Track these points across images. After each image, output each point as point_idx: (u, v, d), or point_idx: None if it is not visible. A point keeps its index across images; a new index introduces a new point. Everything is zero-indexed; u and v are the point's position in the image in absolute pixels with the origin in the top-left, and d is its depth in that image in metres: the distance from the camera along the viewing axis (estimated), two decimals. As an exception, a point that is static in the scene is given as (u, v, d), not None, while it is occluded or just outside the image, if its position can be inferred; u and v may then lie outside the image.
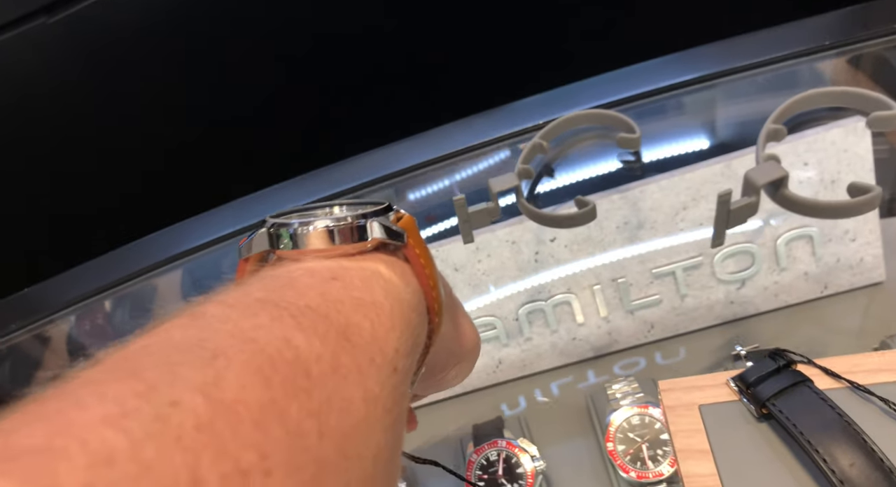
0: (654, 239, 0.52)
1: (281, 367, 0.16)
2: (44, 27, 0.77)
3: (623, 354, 0.55)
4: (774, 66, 0.52)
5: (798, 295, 0.53)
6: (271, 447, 0.14)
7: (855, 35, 0.51)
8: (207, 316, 0.17)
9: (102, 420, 0.13)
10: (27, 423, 0.13)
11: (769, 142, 0.40)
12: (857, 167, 0.50)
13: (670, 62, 0.55)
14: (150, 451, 0.12)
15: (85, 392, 0.14)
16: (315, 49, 0.86)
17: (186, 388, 0.14)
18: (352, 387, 0.17)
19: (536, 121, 0.53)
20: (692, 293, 0.53)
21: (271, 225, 0.22)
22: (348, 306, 0.19)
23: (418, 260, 0.23)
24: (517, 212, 0.50)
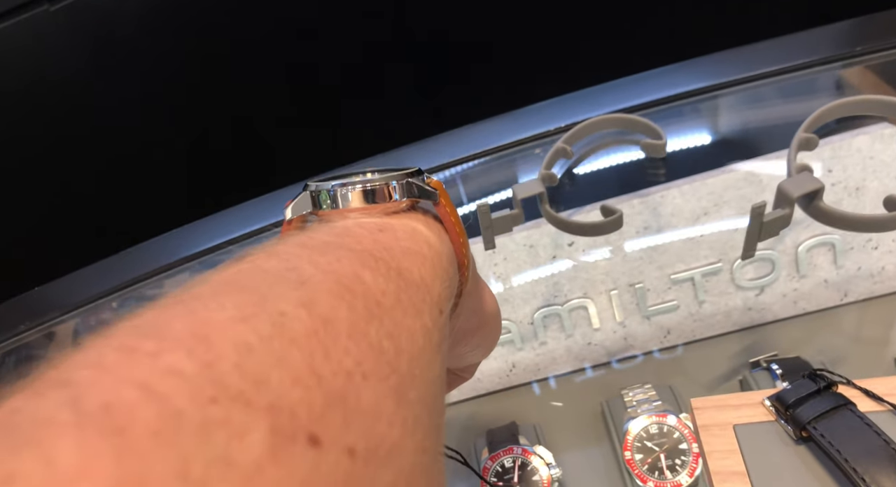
0: (673, 244, 0.51)
1: (358, 295, 0.18)
2: (45, 15, 0.75)
3: (639, 360, 0.54)
4: (799, 73, 0.51)
5: (817, 303, 0.52)
6: (363, 356, 0.16)
7: (880, 42, 0.50)
8: (282, 253, 0.19)
9: (232, 319, 0.15)
10: (169, 319, 0.15)
11: (800, 152, 0.39)
12: (883, 174, 0.49)
13: (693, 66, 0.54)
14: (276, 346, 0.14)
15: (204, 302, 0.15)
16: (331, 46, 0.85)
17: (289, 303, 0.16)
18: (411, 319, 0.19)
19: (558, 125, 0.52)
20: (710, 299, 0.53)
21: (313, 188, 0.24)
22: (398, 253, 0.21)
23: (449, 218, 0.24)
24: (535, 215, 0.49)
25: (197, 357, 0.13)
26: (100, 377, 0.13)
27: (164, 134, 0.88)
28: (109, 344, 0.14)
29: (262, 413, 0.13)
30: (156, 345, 0.13)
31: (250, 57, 0.86)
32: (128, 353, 0.13)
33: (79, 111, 0.84)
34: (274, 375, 0.14)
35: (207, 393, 0.13)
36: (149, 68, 0.84)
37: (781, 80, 0.52)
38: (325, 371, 0.15)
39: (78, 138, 0.85)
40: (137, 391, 0.12)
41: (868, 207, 0.50)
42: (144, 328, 0.14)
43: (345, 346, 0.16)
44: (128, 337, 0.14)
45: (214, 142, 0.90)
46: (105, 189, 0.89)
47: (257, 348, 0.14)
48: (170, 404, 0.12)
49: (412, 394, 0.17)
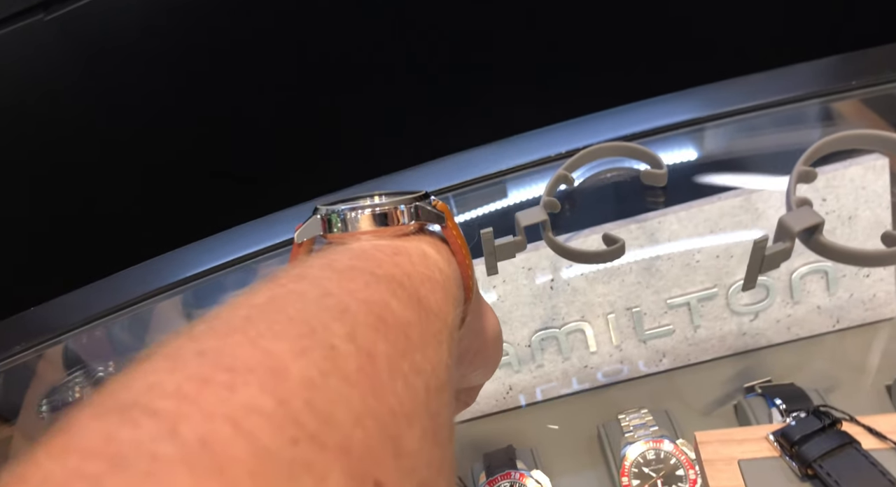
0: (670, 269, 0.52)
1: (391, 327, 0.17)
2: (40, 24, 0.74)
3: (635, 383, 0.54)
4: (795, 105, 0.52)
5: (810, 329, 0.53)
6: (402, 395, 0.16)
7: (874, 77, 0.52)
8: (312, 277, 0.19)
9: (292, 352, 0.14)
10: (232, 347, 0.14)
11: (798, 184, 0.40)
12: (875, 204, 0.50)
13: (692, 95, 0.55)
14: (334, 383, 0.14)
15: (259, 330, 0.15)
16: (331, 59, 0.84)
17: (337, 336, 0.16)
18: (433, 352, 0.19)
19: (559, 151, 0.52)
20: (705, 324, 0.53)
21: (323, 212, 0.24)
22: (417, 279, 0.21)
23: (456, 241, 0.25)
24: (534, 237, 0.49)
25: (270, 392, 0.13)
26: (187, 409, 0.13)
27: (156, 147, 0.87)
28: (182, 371, 0.14)
29: (336, 455, 0.13)
30: (229, 378, 0.13)
31: (246, 72, 0.86)
32: (205, 384, 0.13)
33: (71, 123, 0.83)
34: (338, 414, 0.14)
35: (289, 433, 0.13)
36: (142, 81, 0.83)
37: (777, 112, 0.53)
38: (378, 411, 0.15)
39: (70, 150, 0.84)
40: (228, 426, 0.12)
41: (860, 236, 0.51)
42: (211, 356, 0.14)
43: (387, 385, 0.16)
44: (198, 365, 0.14)
45: (209, 158, 0.89)
46: (97, 204, 0.88)
47: (319, 385, 0.14)
48: (259, 443, 0.12)
49: (442, 436, 0.17)
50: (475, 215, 0.57)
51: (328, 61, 0.85)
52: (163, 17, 0.80)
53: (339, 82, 0.87)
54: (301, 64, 0.86)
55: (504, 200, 0.56)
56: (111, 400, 0.13)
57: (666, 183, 0.49)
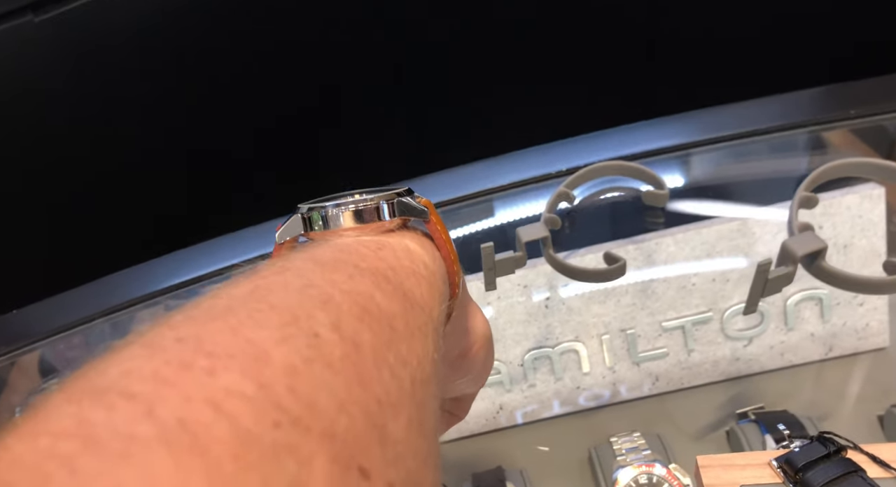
0: (665, 291, 0.52)
1: (375, 318, 0.17)
2: (30, 25, 0.73)
3: (627, 405, 0.54)
4: (789, 132, 0.53)
5: (803, 356, 0.53)
6: (388, 384, 0.16)
7: (872, 107, 0.52)
8: (295, 269, 0.18)
9: (274, 339, 0.14)
10: (212, 334, 0.14)
11: (800, 210, 0.40)
12: (871, 233, 0.50)
13: (693, 118, 0.55)
14: (318, 370, 0.14)
15: (240, 318, 0.15)
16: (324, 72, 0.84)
17: (321, 324, 0.15)
18: (419, 345, 0.18)
19: (559, 168, 0.52)
20: (699, 348, 0.53)
21: (305, 210, 0.23)
22: (401, 273, 0.21)
23: (440, 236, 0.24)
24: (531, 255, 0.48)
25: (252, 377, 0.13)
26: (165, 391, 0.12)
27: (143, 152, 0.86)
28: (160, 357, 0.13)
29: (320, 440, 0.13)
30: (209, 363, 0.13)
31: (237, 77, 0.85)
32: (184, 369, 0.13)
33: (57, 126, 0.81)
34: (322, 400, 0.13)
35: (271, 417, 0.12)
36: (130, 86, 0.82)
37: (771, 138, 0.54)
38: (363, 399, 0.14)
39: (57, 152, 0.83)
40: (208, 408, 0.12)
41: (856, 264, 0.51)
42: (190, 343, 0.14)
43: (373, 374, 0.15)
44: (177, 351, 0.13)
45: (196, 164, 0.88)
46: (80, 208, 0.86)
47: (302, 371, 0.14)
48: (241, 425, 0.12)
49: (427, 427, 0.17)
50: (473, 230, 0.56)
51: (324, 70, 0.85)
52: (154, 22, 0.79)
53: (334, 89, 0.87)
54: (293, 74, 0.86)
55: (502, 216, 0.56)
56: (84, 384, 0.13)
57: (666, 204, 0.48)
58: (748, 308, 0.37)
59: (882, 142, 0.59)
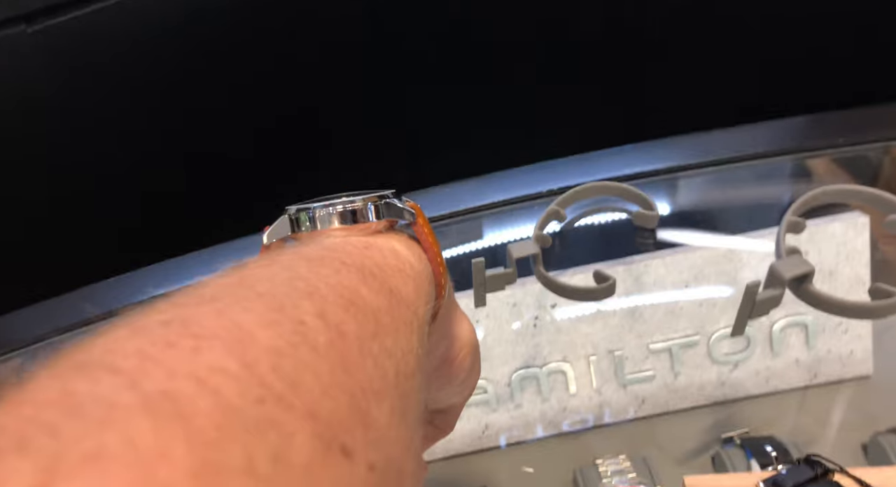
0: (654, 314, 0.52)
1: (360, 310, 0.17)
2: (22, 36, 0.73)
3: (613, 428, 0.53)
4: (784, 158, 0.54)
5: (789, 382, 0.53)
6: (372, 373, 0.16)
7: (862, 135, 0.53)
8: (282, 262, 0.19)
9: (259, 323, 0.14)
10: (198, 318, 0.14)
11: (788, 234, 0.41)
12: (855, 261, 0.51)
13: (685, 142, 0.56)
14: (303, 354, 0.14)
15: (226, 304, 0.15)
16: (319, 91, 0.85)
17: (306, 312, 0.16)
18: (404, 340, 0.19)
19: (551, 187, 0.53)
20: (686, 371, 0.53)
21: (293, 211, 0.24)
22: (387, 270, 0.21)
23: (427, 239, 0.25)
24: (521, 273, 0.48)
25: (236, 356, 0.13)
26: (149, 366, 0.12)
27: (128, 170, 0.85)
28: (145, 336, 0.13)
29: (303, 418, 0.13)
30: (194, 342, 0.13)
31: (227, 99, 0.85)
32: (168, 347, 0.13)
33: (47, 137, 0.81)
34: (306, 382, 0.14)
35: (254, 393, 0.13)
36: (122, 100, 0.82)
37: (762, 164, 0.55)
38: (347, 384, 0.15)
39: (45, 164, 0.82)
40: (192, 382, 0.12)
41: (840, 291, 0.51)
42: (175, 325, 0.14)
43: (357, 362, 0.16)
44: (162, 332, 0.14)
45: (182, 181, 0.88)
46: (69, 219, 0.85)
47: (287, 353, 0.14)
48: (224, 399, 0.12)
49: (410, 418, 0.17)
50: (463, 249, 0.56)
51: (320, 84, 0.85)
52: (147, 36, 0.79)
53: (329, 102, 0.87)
54: (279, 107, 0.86)
55: (491, 235, 0.56)
56: (68, 361, 0.13)
57: (656, 225, 0.49)
58: (736, 330, 0.37)
59: (865, 172, 0.60)
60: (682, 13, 0.71)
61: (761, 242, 0.51)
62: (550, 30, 0.76)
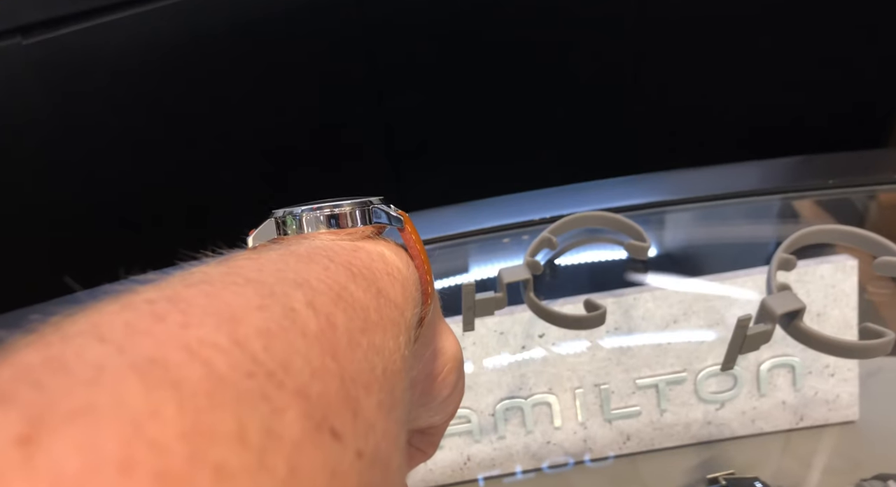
0: (641, 348, 0.51)
1: (349, 305, 0.17)
2: (17, 48, 0.73)
3: (597, 465, 0.52)
4: (781, 195, 0.54)
5: (775, 424, 0.53)
6: (360, 365, 0.16)
7: (854, 178, 0.54)
8: (271, 257, 0.18)
9: (250, 306, 0.14)
10: (188, 297, 0.14)
11: (778, 271, 0.41)
12: (843, 304, 0.51)
13: (680, 176, 0.56)
14: (293, 338, 0.14)
15: (217, 287, 0.15)
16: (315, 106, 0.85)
17: (297, 301, 0.16)
18: (392, 340, 0.19)
19: (543, 215, 0.53)
20: (672, 409, 0.52)
21: (279, 214, 0.24)
22: (375, 272, 0.21)
23: (415, 245, 0.24)
24: (512, 302, 0.48)
25: (226, 333, 0.13)
26: (138, 336, 0.12)
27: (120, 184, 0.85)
28: (131, 311, 0.13)
29: (294, 396, 0.13)
30: (183, 318, 0.13)
31: (222, 113, 0.85)
32: (158, 320, 0.13)
33: (35, 149, 0.80)
34: (296, 364, 0.14)
35: (245, 367, 0.12)
36: (113, 119, 0.82)
37: (760, 201, 0.55)
38: (336, 371, 0.15)
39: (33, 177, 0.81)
40: (181, 352, 0.12)
41: (827, 333, 0.51)
42: (162, 302, 0.14)
43: (347, 353, 0.16)
44: (149, 308, 0.13)
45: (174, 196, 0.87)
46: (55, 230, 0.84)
47: (277, 335, 0.14)
48: (214, 369, 0.12)
49: (395, 414, 0.17)
50: (454, 274, 0.56)
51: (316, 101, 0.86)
52: (142, 54, 0.79)
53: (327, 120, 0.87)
54: (268, 128, 0.86)
55: (480, 261, 0.56)
56: (53, 331, 0.12)
57: (648, 257, 0.49)
58: (726, 364, 0.37)
59: (851, 215, 0.61)
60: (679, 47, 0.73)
61: (751, 279, 0.51)
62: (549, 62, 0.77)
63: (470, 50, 0.82)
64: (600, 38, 0.79)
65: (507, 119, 0.84)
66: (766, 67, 0.78)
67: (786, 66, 0.79)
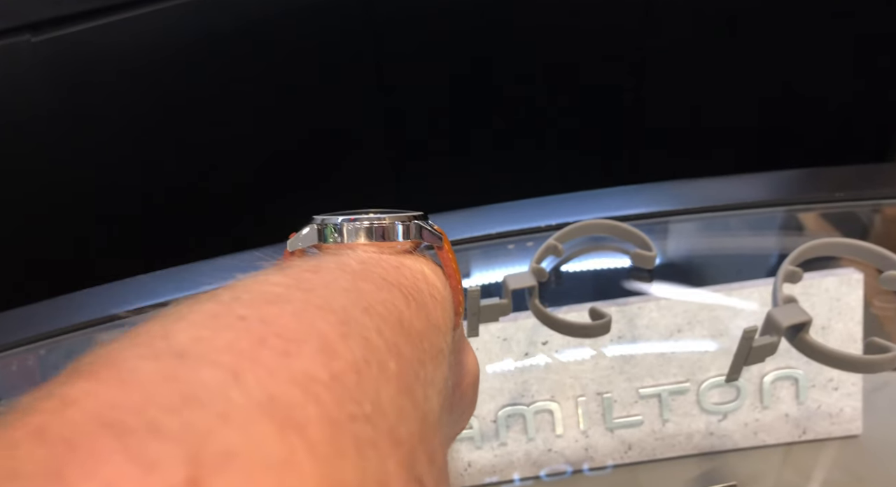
0: (645, 357, 0.51)
1: (408, 333, 0.17)
2: (27, 45, 0.73)
3: (598, 474, 0.52)
4: (787, 207, 0.54)
5: (777, 436, 0.52)
6: (428, 405, 0.16)
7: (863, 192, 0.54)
8: (328, 270, 0.18)
9: (336, 334, 0.14)
10: (277, 315, 0.14)
11: (784, 283, 0.41)
12: (847, 317, 0.51)
13: (686, 186, 0.56)
14: (375, 374, 0.14)
15: (296, 307, 0.15)
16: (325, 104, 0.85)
17: (367, 328, 0.15)
18: (439, 371, 0.18)
19: (549, 222, 0.53)
20: (674, 418, 0.52)
21: (319, 222, 0.23)
22: (423, 294, 0.21)
23: (451, 264, 0.24)
24: (516, 308, 0.48)
25: (324, 366, 0.13)
26: (246, 364, 0.12)
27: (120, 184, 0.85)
28: (230, 329, 0.13)
29: (389, 442, 0.13)
30: (282, 343, 0.13)
31: (224, 124, 0.85)
32: (260, 344, 0.13)
33: (39, 148, 0.81)
34: (384, 403, 0.13)
35: (348, 409, 0.12)
36: (121, 118, 0.82)
37: (766, 213, 0.55)
38: (411, 411, 0.14)
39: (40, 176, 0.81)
40: (294, 388, 0.12)
41: (832, 346, 0.51)
42: (254, 321, 0.13)
43: (416, 390, 0.15)
44: (245, 327, 0.13)
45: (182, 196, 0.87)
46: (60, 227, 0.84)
47: (364, 371, 0.14)
48: (326, 410, 0.12)
49: (440, 457, 0.17)
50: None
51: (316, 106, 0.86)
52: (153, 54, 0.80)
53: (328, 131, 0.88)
54: (282, 118, 0.87)
55: (483, 267, 0.55)
56: (153, 345, 0.12)
57: (653, 266, 0.49)
58: (731, 375, 0.37)
59: (855, 228, 0.61)
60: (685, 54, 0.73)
61: (756, 291, 0.51)
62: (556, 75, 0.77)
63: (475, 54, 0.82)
64: (607, 42, 0.80)
65: (512, 124, 0.84)
66: (773, 79, 0.78)
67: (793, 78, 0.79)
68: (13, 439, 0.10)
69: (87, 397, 0.10)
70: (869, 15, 0.78)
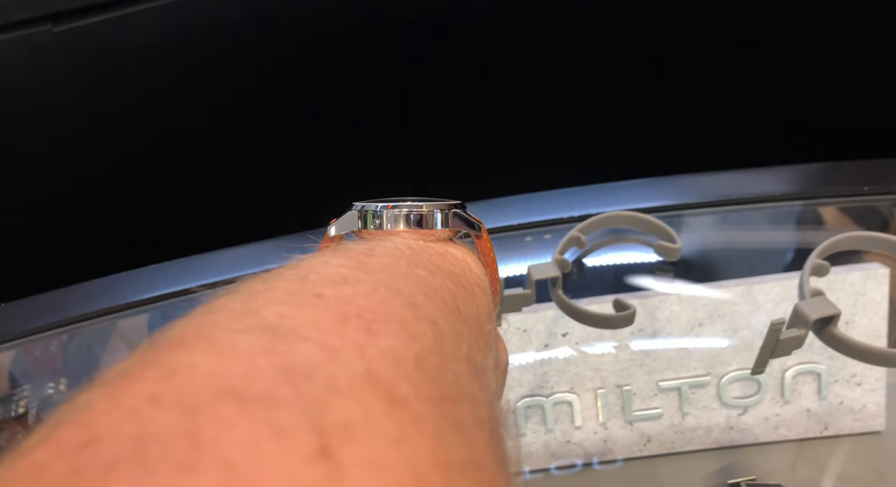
0: (665, 351, 0.51)
1: (464, 321, 0.17)
2: (48, 34, 0.74)
3: (616, 466, 0.52)
4: (810, 201, 0.54)
5: (798, 432, 0.52)
6: (478, 388, 0.16)
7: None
8: (382, 254, 0.18)
9: (408, 313, 0.14)
10: (350, 295, 0.14)
11: (811, 276, 0.40)
12: (872, 312, 0.51)
13: (709, 179, 0.56)
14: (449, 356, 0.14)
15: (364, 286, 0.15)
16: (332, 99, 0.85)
17: (431, 312, 0.16)
18: (490, 359, 0.18)
19: (572, 214, 0.52)
20: (694, 412, 0.52)
21: (360, 207, 0.24)
22: (470, 282, 0.21)
23: (489, 254, 0.25)
24: (539, 299, 0.48)
25: (407, 346, 0.13)
26: (335, 340, 0.12)
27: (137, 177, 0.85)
28: (310, 306, 0.13)
29: (474, 423, 0.13)
30: (363, 322, 0.13)
31: (242, 120, 0.86)
32: (343, 321, 0.13)
33: (62, 136, 0.81)
34: (463, 386, 0.13)
35: (436, 390, 0.12)
36: (141, 109, 0.83)
37: (789, 206, 0.55)
38: (482, 395, 0.14)
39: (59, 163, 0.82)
40: (388, 366, 0.12)
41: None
42: (331, 300, 0.14)
43: (480, 373, 0.15)
44: (324, 304, 0.13)
45: (198, 183, 0.88)
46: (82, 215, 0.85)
47: (436, 353, 0.14)
48: (421, 389, 0.12)
49: (494, 413, 0.17)
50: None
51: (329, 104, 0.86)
52: (174, 42, 0.80)
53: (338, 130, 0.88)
54: (296, 113, 0.87)
55: (502, 258, 0.55)
56: (243, 319, 0.12)
57: (677, 258, 0.48)
58: (756, 368, 0.36)
59: (876, 222, 0.60)
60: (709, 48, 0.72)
61: (779, 285, 0.51)
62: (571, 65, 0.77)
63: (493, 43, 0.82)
64: (627, 34, 0.79)
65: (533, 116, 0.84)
66: (797, 73, 0.77)
67: (817, 71, 0.78)
68: (128, 405, 0.09)
69: (191, 367, 0.10)
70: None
